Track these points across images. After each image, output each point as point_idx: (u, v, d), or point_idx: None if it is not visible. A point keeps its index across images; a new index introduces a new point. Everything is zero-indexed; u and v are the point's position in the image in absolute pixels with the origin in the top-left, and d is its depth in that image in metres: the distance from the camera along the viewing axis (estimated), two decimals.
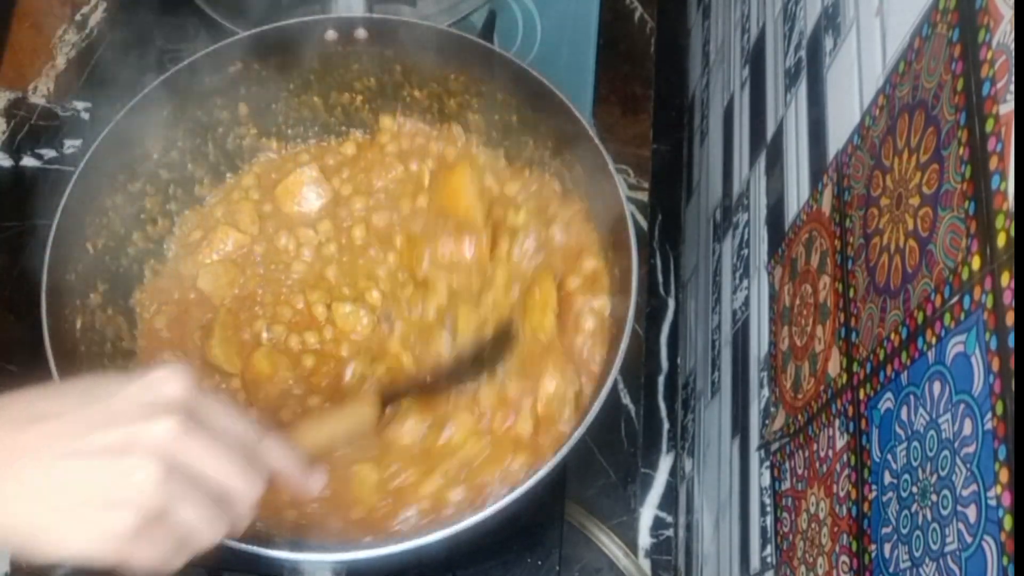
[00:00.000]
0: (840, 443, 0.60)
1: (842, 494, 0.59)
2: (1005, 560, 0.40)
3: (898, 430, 0.52)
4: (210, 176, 0.93)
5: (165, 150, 0.88)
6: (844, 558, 0.58)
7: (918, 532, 0.48)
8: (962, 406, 0.45)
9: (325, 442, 0.66)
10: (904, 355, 0.52)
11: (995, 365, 0.42)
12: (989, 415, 0.42)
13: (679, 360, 1.12)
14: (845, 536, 0.58)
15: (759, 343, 0.81)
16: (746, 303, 0.87)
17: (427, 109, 0.94)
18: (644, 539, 1.02)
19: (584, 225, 0.86)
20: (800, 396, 0.69)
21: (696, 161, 1.16)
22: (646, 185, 1.12)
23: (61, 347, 0.76)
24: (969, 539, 0.43)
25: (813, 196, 0.70)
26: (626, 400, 1.05)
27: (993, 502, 0.41)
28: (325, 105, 0.95)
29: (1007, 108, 0.42)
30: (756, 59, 0.91)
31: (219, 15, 0.99)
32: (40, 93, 1.15)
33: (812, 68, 0.73)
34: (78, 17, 1.19)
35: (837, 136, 0.66)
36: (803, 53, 0.76)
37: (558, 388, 0.78)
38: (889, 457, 0.53)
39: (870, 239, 0.58)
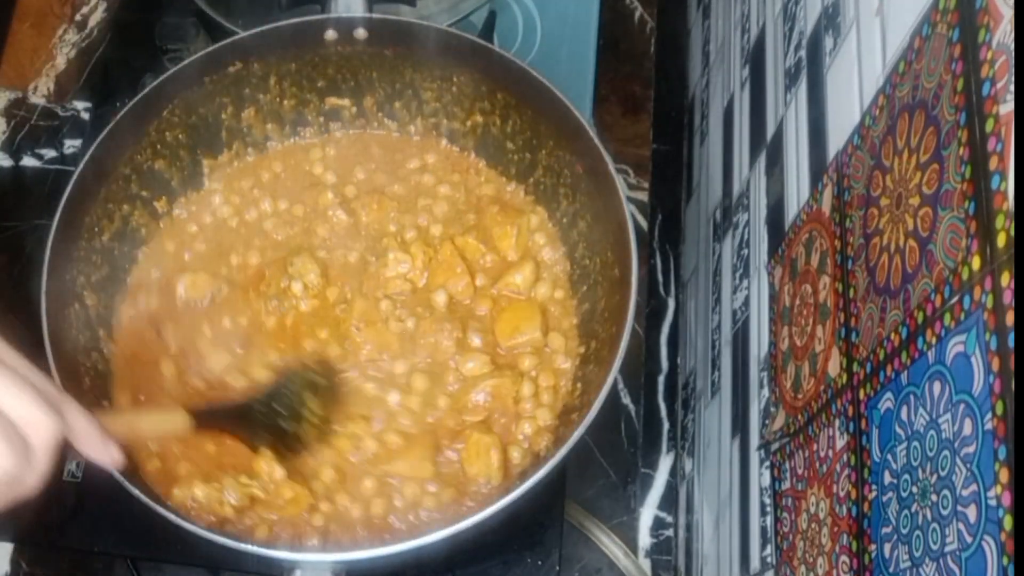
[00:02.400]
0: (840, 443, 0.60)
1: (842, 494, 0.59)
2: (1005, 560, 0.40)
3: (898, 430, 0.52)
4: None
5: (164, 147, 0.88)
6: (844, 558, 0.58)
7: (918, 532, 0.48)
8: (962, 406, 0.45)
9: (126, 431, 0.65)
10: (904, 355, 0.52)
11: (995, 365, 0.42)
12: (989, 415, 0.42)
13: (679, 360, 1.12)
14: (845, 536, 0.58)
15: (759, 343, 0.81)
16: (746, 303, 0.87)
17: (426, 108, 0.95)
18: (644, 539, 1.02)
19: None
20: (800, 396, 0.69)
21: (696, 161, 1.16)
22: (646, 185, 1.12)
23: (61, 347, 0.76)
24: (969, 539, 0.43)
25: (813, 196, 0.70)
26: (626, 400, 1.05)
27: (993, 502, 0.41)
28: (322, 104, 0.95)
29: (1007, 108, 0.42)
30: (756, 59, 0.91)
31: (219, 15, 0.99)
32: (40, 93, 1.15)
33: (812, 68, 0.73)
34: (78, 17, 1.19)
35: (837, 136, 0.66)
36: (803, 53, 0.76)
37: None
38: (889, 457, 0.53)
39: (870, 239, 0.58)
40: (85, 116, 1.13)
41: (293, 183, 0.93)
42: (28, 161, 1.12)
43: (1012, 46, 0.42)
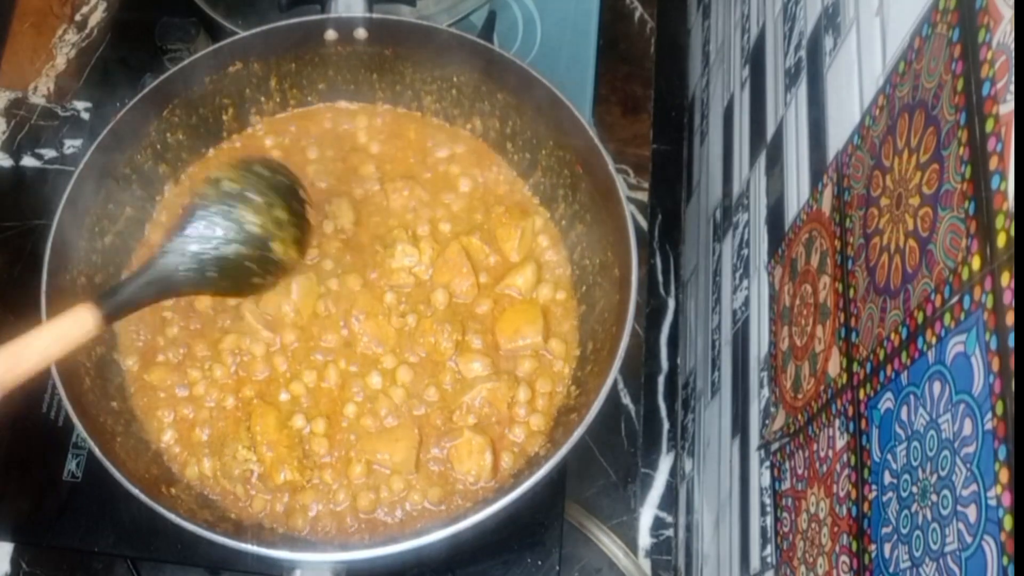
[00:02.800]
0: (840, 443, 0.60)
1: (842, 494, 0.59)
2: (1005, 560, 0.40)
3: (898, 430, 0.52)
4: None
5: (165, 148, 0.88)
6: (844, 558, 0.58)
7: (918, 532, 0.48)
8: (962, 406, 0.45)
9: (13, 362, 0.60)
10: (904, 355, 0.52)
11: (995, 365, 0.42)
12: (989, 415, 0.42)
13: (679, 360, 1.12)
14: (845, 536, 0.58)
15: (759, 343, 0.81)
16: (746, 303, 0.87)
17: (428, 113, 0.95)
18: (644, 539, 1.02)
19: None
20: (800, 396, 0.69)
21: (696, 161, 1.16)
22: (646, 185, 1.12)
23: None
24: (969, 539, 0.43)
25: (813, 196, 0.70)
26: (626, 400, 1.05)
27: (993, 502, 0.41)
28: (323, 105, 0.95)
29: (1007, 108, 0.42)
30: (756, 59, 0.91)
31: (219, 15, 0.99)
32: (40, 93, 1.15)
33: (812, 68, 0.73)
34: (78, 17, 1.19)
35: (837, 136, 0.66)
36: (803, 53, 0.76)
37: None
38: (889, 457, 0.53)
39: (870, 239, 0.58)
40: (85, 116, 1.13)
41: (339, 146, 0.94)
42: (28, 161, 1.12)
43: (1012, 46, 0.42)
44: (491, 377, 0.83)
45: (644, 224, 1.10)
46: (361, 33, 0.88)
